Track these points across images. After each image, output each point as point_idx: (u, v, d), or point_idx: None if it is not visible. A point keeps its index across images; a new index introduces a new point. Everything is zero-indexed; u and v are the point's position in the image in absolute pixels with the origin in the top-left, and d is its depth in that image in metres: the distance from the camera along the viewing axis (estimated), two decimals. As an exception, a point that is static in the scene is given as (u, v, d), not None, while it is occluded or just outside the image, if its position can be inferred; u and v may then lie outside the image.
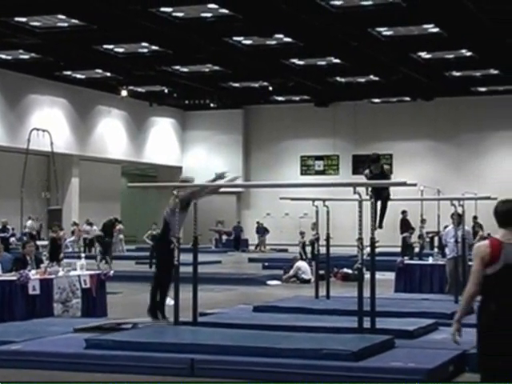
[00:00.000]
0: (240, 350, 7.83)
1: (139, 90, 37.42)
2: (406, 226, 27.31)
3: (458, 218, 14.13)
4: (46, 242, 24.64)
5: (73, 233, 34.09)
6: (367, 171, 12.01)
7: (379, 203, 11.95)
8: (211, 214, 37.49)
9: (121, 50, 28.85)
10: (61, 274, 12.30)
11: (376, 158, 12.50)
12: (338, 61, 30.46)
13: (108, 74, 33.71)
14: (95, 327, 9.60)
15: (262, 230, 39.15)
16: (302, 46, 27.39)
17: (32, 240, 19.17)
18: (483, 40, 26.17)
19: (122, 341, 8.30)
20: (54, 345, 8.48)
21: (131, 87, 36.49)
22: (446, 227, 20.62)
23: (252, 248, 38.89)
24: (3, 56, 30.00)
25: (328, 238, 13.21)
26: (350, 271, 21.24)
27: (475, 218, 27.15)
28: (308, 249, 24.92)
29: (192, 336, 8.67)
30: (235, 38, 26.86)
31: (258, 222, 39.33)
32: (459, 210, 12.62)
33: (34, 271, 12.10)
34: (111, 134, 38.27)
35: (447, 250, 15.31)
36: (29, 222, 32.36)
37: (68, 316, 11.92)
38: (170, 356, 7.85)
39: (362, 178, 36.28)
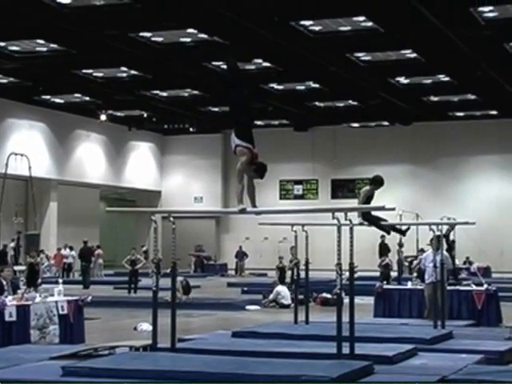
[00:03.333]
0: (218, 377, 7.77)
1: (118, 114, 37.40)
2: (384, 250, 27.39)
3: (437, 243, 14.11)
4: (23, 267, 24.44)
5: (47, 258, 33.68)
6: (368, 188, 11.87)
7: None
8: (190, 238, 37.43)
9: (100, 74, 28.85)
10: (38, 299, 12.18)
11: (382, 181, 12.19)
12: (316, 85, 30.62)
13: (87, 99, 33.68)
14: (72, 354, 9.50)
15: (240, 255, 39.09)
16: (281, 70, 27.51)
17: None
18: (460, 65, 26.41)
19: (99, 368, 8.22)
20: (30, 372, 8.37)
21: (110, 111, 36.47)
22: (421, 250, 20.70)
23: (231, 272, 38.81)
24: (-19, 80, 29.94)
25: (307, 263, 13.19)
26: (329, 296, 21.20)
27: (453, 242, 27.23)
28: (288, 273, 24.90)
29: (170, 362, 8.59)
30: (214, 63, 26.93)
31: (240, 247, 39.28)
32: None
33: (10, 297, 11.98)
34: (90, 159, 38.17)
35: (426, 275, 15.36)
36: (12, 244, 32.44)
37: (45, 343, 11.79)
38: (148, 383, 7.78)
39: (340, 202, 36.35)
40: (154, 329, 9.63)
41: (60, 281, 14.13)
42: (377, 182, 11.75)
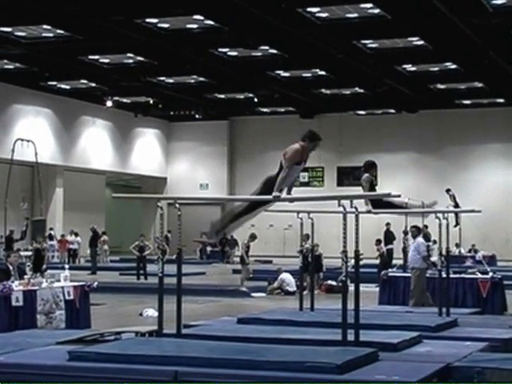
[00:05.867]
0: (224, 363, 7.79)
1: (124, 100, 37.40)
2: (389, 237, 27.41)
3: (416, 231, 15.73)
4: (29, 253, 24.53)
5: (50, 238, 33.78)
6: (367, 175, 11.51)
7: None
8: (195, 225, 37.42)
9: (106, 60, 28.84)
10: (44, 285, 12.24)
11: (374, 163, 11.81)
12: (323, 73, 30.58)
13: (93, 85, 33.68)
14: (78, 339, 9.54)
15: (232, 243, 39.12)
16: (288, 57, 27.47)
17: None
18: (468, 53, 26.34)
19: (105, 353, 8.24)
20: (36, 357, 8.40)
21: (116, 98, 36.47)
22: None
23: (236, 259, 38.86)
24: (-13, 66, 29.95)
25: (312, 251, 13.22)
26: (334, 283, 21.24)
27: (426, 227, 27.20)
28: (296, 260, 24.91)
29: (176, 348, 8.61)
30: (221, 50, 26.92)
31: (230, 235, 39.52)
32: (443, 223, 12.62)
33: (17, 282, 12.04)
34: (96, 145, 38.20)
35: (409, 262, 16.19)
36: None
37: (51, 328, 11.84)
38: (154, 368, 7.79)
39: (346, 190, 36.40)
40: (160, 315, 9.66)
41: (66, 266, 14.19)
42: (370, 167, 11.52)
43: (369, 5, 21.61)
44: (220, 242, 39.56)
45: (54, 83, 33.53)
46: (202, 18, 22.93)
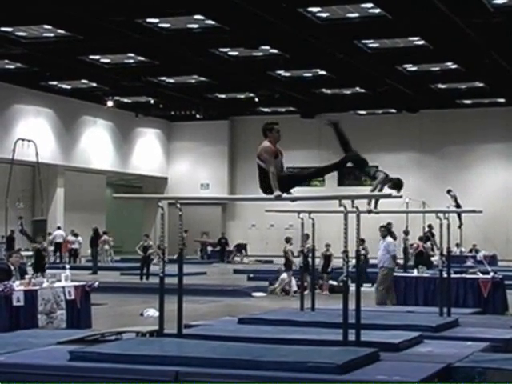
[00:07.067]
0: (225, 363, 7.79)
1: (125, 100, 37.40)
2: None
3: (385, 231, 16.54)
4: (30, 253, 24.54)
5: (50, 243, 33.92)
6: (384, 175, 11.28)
7: None
8: (196, 224, 37.48)
9: (107, 60, 28.85)
10: (45, 285, 12.24)
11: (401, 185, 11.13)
12: (323, 72, 30.57)
13: (94, 85, 33.67)
14: (79, 339, 9.54)
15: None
16: (288, 57, 27.47)
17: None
18: (469, 53, 26.33)
19: (106, 353, 8.24)
20: (37, 357, 8.41)
21: (117, 98, 36.47)
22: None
23: (237, 259, 38.93)
24: (-12, 66, 29.95)
25: (313, 250, 13.21)
26: (335, 283, 21.24)
27: (429, 226, 27.17)
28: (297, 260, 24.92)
29: (177, 348, 8.61)
30: (221, 50, 26.91)
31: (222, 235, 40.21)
32: (444, 223, 12.61)
33: (18, 282, 12.04)
34: (97, 145, 38.19)
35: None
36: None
37: (52, 327, 11.84)
38: (155, 368, 7.80)
39: (347, 190, 36.32)
40: (161, 315, 9.66)
41: (67, 266, 14.18)
42: (396, 185, 11.08)
43: (369, 5, 21.60)
44: (219, 242, 39.65)
45: (55, 83, 33.53)
46: (202, 17, 22.92)
